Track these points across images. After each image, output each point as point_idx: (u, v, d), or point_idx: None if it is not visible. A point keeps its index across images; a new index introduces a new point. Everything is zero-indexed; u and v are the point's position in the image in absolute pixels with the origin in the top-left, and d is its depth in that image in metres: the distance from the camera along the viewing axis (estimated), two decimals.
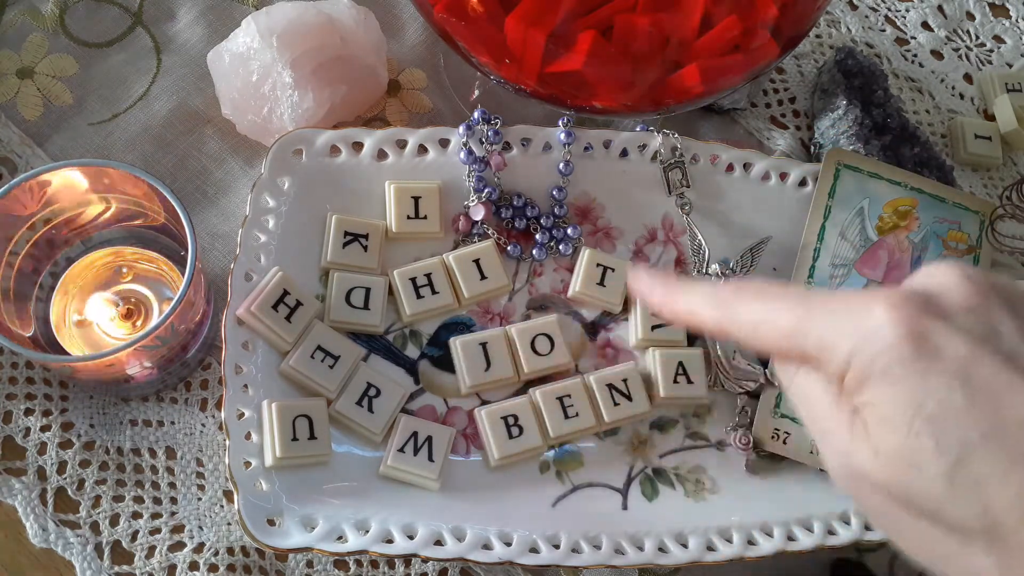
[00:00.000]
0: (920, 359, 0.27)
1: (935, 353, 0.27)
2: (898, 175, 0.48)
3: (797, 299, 0.31)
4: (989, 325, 0.28)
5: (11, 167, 0.47)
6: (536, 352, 0.43)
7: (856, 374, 0.29)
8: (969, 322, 0.28)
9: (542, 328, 0.43)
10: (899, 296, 0.29)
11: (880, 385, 0.28)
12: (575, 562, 0.39)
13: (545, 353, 0.43)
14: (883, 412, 0.28)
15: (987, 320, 0.28)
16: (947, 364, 0.27)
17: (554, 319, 0.44)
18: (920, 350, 0.27)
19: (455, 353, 0.42)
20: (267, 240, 0.42)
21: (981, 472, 0.26)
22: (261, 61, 0.45)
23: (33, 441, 0.42)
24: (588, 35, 0.37)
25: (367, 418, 0.40)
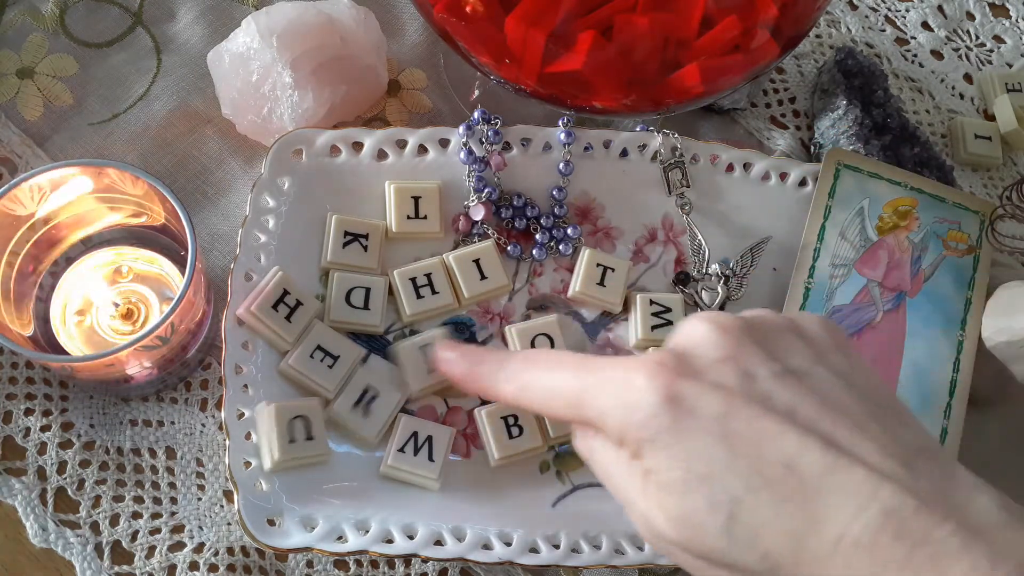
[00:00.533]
0: (678, 422, 0.28)
1: (691, 413, 0.28)
2: (898, 175, 0.48)
3: (575, 369, 0.32)
4: (743, 372, 0.29)
5: (11, 167, 0.47)
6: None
7: (631, 444, 0.29)
8: (723, 374, 0.29)
9: (542, 328, 0.43)
10: (655, 361, 0.29)
11: (653, 452, 0.29)
12: (575, 562, 0.39)
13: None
14: (661, 478, 0.29)
15: (741, 367, 0.29)
16: (704, 423, 0.28)
17: (554, 319, 0.44)
18: (677, 413, 0.28)
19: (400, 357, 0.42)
20: (267, 240, 0.42)
21: (753, 521, 0.27)
22: (261, 61, 0.45)
23: (33, 441, 0.42)
24: (588, 35, 0.37)
25: (363, 422, 0.40)
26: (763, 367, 0.29)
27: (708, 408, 0.28)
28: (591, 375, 0.31)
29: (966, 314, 0.46)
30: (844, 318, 0.45)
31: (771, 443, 0.27)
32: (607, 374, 0.30)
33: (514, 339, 0.43)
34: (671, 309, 0.44)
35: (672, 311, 0.44)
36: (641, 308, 0.44)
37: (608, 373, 0.30)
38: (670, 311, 0.44)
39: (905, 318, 0.46)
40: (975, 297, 0.47)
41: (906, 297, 0.46)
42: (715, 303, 0.45)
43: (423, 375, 0.41)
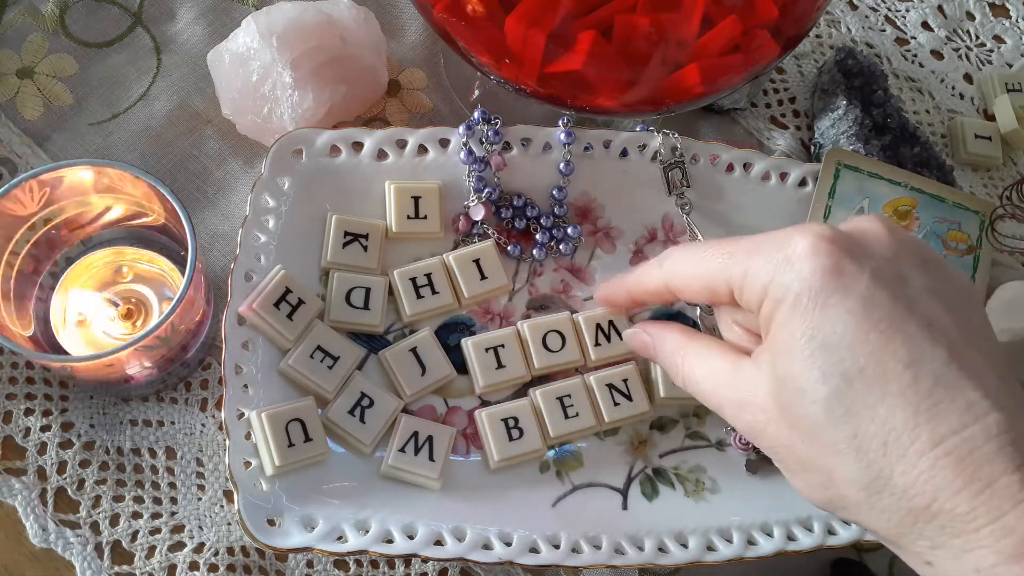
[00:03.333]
0: (828, 291, 0.29)
1: (843, 288, 0.29)
2: (898, 175, 0.48)
3: (730, 241, 0.34)
4: (899, 274, 0.30)
5: (11, 167, 0.47)
6: (547, 348, 0.43)
7: (770, 302, 0.31)
8: (881, 266, 0.30)
9: (554, 324, 0.43)
10: (823, 232, 0.31)
11: (790, 312, 0.30)
12: (575, 562, 0.39)
13: (556, 349, 0.43)
14: (784, 337, 0.30)
15: (899, 270, 0.30)
16: (849, 300, 0.29)
17: (567, 316, 0.44)
18: (831, 283, 0.29)
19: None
20: (267, 240, 0.42)
21: (855, 401, 0.28)
22: (261, 61, 0.45)
23: (33, 441, 0.42)
24: (588, 35, 0.37)
25: (358, 428, 0.40)
26: (919, 277, 0.30)
27: (857, 288, 0.29)
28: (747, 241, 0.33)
29: None
30: None
31: (902, 340, 0.28)
32: (764, 238, 0.32)
33: (526, 334, 0.43)
34: None
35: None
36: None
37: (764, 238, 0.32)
38: None
39: None
40: None
41: None
42: None
43: (416, 379, 0.41)
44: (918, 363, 0.28)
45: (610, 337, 0.44)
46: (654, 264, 0.37)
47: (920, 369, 0.28)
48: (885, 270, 0.30)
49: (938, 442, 0.27)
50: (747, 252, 0.32)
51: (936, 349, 0.28)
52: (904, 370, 0.28)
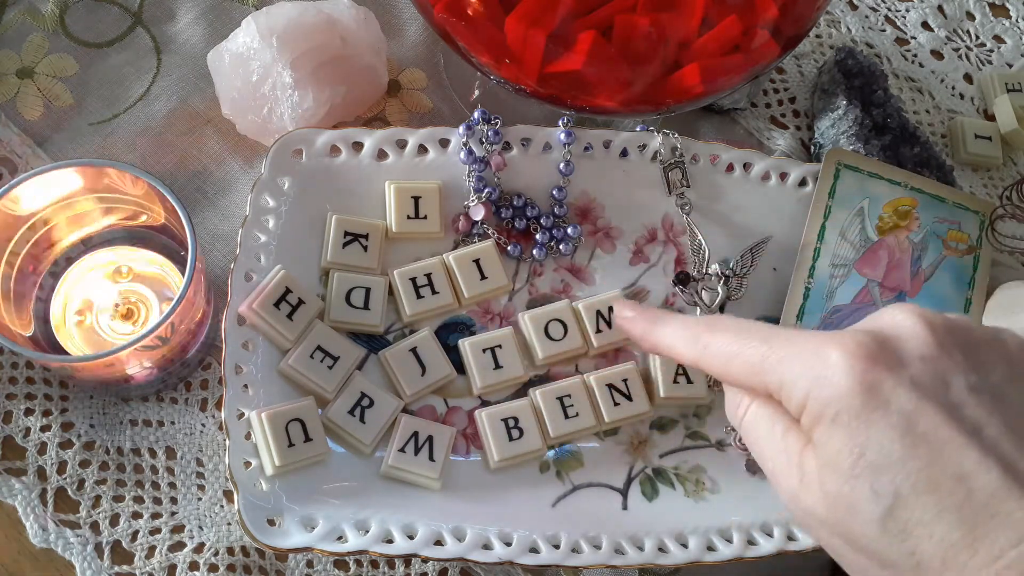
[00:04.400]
0: (868, 409, 0.29)
1: (883, 404, 0.29)
2: (898, 175, 0.48)
3: (763, 336, 0.32)
4: (941, 376, 0.29)
5: (11, 167, 0.47)
6: (550, 337, 0.43)
7: (810, 416, 0.30)
8: (921, 372, 0.29)
9: (555, 314, 0.43)
10: (856, 342, 0.30)
11: (830, 429, 0.29)
12: (575, 562, 0.39)
13: (559, 338, 0.43)
14: (829, 455, 0.29)
15: (939, 370, 0.29)
16: (892, 416, 0.28)
17: (566, 304, 0.44)
18: (869, 401, 0.29)
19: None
20: (267, 240, 0.42)
21: (911, 519, 0.28)
22: (261, 61, 0.45)
23: (33, 441, 0.42)
24: (588, 35, 0.37)
25: (358, 428, 0.40)
26: (961, 376, 0.29)
27: (899, 403, 0.28)
28: (780, 343, 0.32)
29: (966, 314, 0.46)
30: (844, 318, 0.45)
31: (951, 453, 0.28)
32: (799, 345, 0.31)
33: (527, 324, 0.43)
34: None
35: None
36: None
37: (800, 344, 0.31)
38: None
39: None
40: (975, 297, 0.47)
41: (906, 297, 0.46)
42: (715, 303, 0.45)
43: (416, 379, 0.41)
44: (971, 476, 0.27)
45: (611, 323, 0.44)
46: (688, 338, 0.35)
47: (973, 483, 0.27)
48: (924, 376, 0.29)
49: (997, 556, 0.26)
50: (781, 358, 0.31)
51: (987, 460, 0.27)
52: (957, 485, 0.27)
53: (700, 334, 0.35)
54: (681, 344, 0.36)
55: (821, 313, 0.45)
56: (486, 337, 0.43)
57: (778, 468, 0.31)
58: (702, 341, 0.35)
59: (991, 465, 0.27)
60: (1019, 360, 0.31)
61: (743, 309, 0.46)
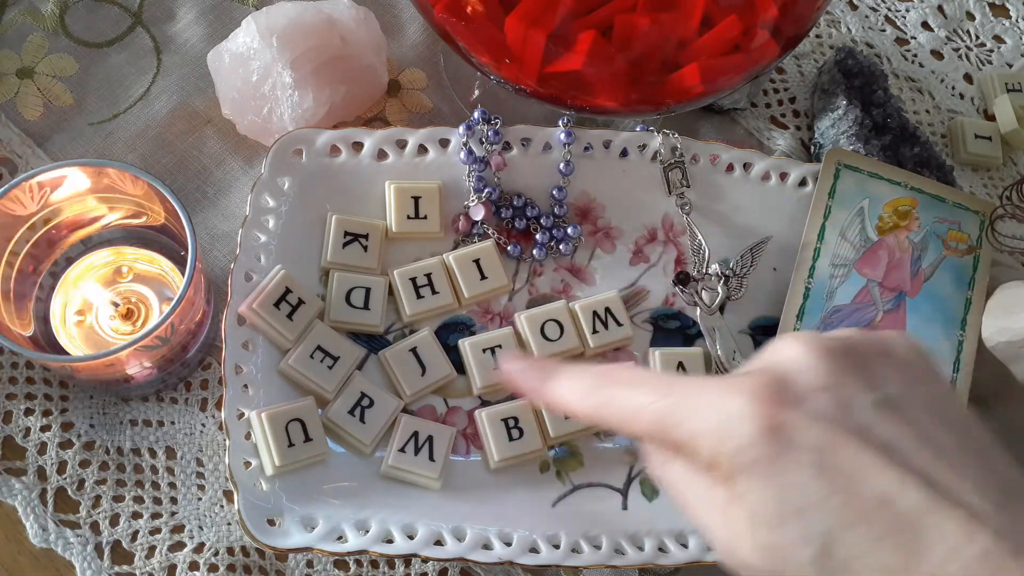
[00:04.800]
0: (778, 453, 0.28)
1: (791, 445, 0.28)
2: (898, 175, 0.48)
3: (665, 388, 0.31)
4: (841, 402, 0.29)
5: (11, 167, 0.47)
6: (546, 338, 0.43)
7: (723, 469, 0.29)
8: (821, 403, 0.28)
9: (552, 314, 0.43)
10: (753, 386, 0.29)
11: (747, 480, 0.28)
12: (575, 562, 0.39)
13: (555, 338, 0.43)
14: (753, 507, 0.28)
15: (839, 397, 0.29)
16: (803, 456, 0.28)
17: (563, 304, 0.44)
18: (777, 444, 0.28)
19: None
20: (267, 240, 0.42)
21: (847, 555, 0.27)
22: (261, 61, 0.45)
23: (33, 441, 0.42)
24: (588, 35, 0.37)
25: (358, 428, 0.40)
26: (861, 396, 0.29)
27: (807, 440, 0.28)
28: (680, 395, 0.30)
29: (966, 314, 0.46)
30: (844, 318, 0.45)
31: (869, 479, 0.27)
32: (697, 395, 0.30)
33: (523, 325, 0.43)
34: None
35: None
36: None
37: (698, 394, 0.30)
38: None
39: (905, 318, 0.46)
40: (975, 297, 0.47)
41: (906, 297, 0.46)
42: (715, 303, 0.45)
43: (416, 379, 0.41)
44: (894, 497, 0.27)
45: (607, 324, 0.44)
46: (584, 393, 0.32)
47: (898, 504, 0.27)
48: (823, 405, 0.28)
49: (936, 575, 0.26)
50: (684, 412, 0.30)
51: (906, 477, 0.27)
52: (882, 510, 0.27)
53: (598, 387, 0.32)
54: (577, 400, 0.33)
55: (821, 313, 0.45)
56: (486, 337, 0.43)
57: (709, 523, 0.30)
58: (599, 396, 0.32)
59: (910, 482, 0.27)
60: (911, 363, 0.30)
61: (743, 309, 0.46)
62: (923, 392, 0.30)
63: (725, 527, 0.30)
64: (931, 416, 0.29)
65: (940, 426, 0.29)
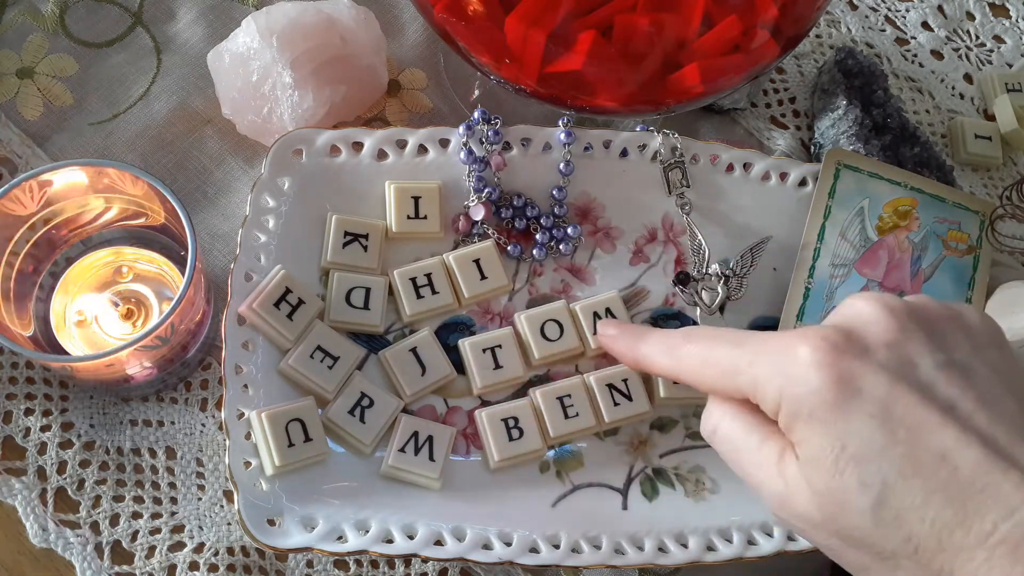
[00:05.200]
0: (842, 401, 0.29)
1: (856, 394, 0.29)
2: (898, 175, 0.48)
3: (734, 341, 0.33)
4: (907, 358, 0.29)
5: (11, 167, 0.47)
6: (546, 338, 0.43)
7: (786, 415, 0.30)
8: (888, 357, 0.29)
9: (552, 314, 0.43)
10: (821, 337, 0.30)
11: (808, 426, 0.29)
12: (575, 562, 0.39)
13: (555, 338, 0.43)
14: (811, 452, 0.29)
15: (906, 353, 0.29)
16: (867, 405, 0.28)
17: (562, 304, 0.44)
18: (842, 392, 0.29)
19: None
20: (267, 240, 0.42)
21: (902, 505, 0.28)
22: (261, 61, 0.45)
23: (33, 441, 0.42)
24: (588, 35, 0.37)
25: (358, 428, 0.40)
26: (928, 356, 0.29)
27: (872, 390, 0.29)
28: (750, 346, 0.32)
29: None
30: None
31: (930, 433, 0.28)
32: (768, 345, 0.31)
33: (523, 325, 0.43)
34: None
35: None
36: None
37: (769, 344, 0.31)
38: None
39: None
40: (975, 297, 0.47)
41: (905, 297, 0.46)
42: (715, 303, 0.45)
43: (416, 379, 0.41)
44: (952, 454, 0.27)
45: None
46: (664, 350, 0.36)
47: (956, 460, 0.27)
48: (892, 360, 0.29)
49: (990, 532, 0.26)
50: (751, 360, 0.31)
51: (966, 435, 0.27)
52: (940, 464, 0.27)
53: (676, 345, 0.35)
54: (659, 357, 0.36)
55: (821, 313, 0.45)
56: (486, 337, 0.43)
57: (761, 478, 0.31)
58: (677, 351, 0.35)
59: (970, 440, 0.27)
60: (980, 332, 0.31)
61: (743, 309, 0.46)
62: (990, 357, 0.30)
63: (779, 479, 0.30)
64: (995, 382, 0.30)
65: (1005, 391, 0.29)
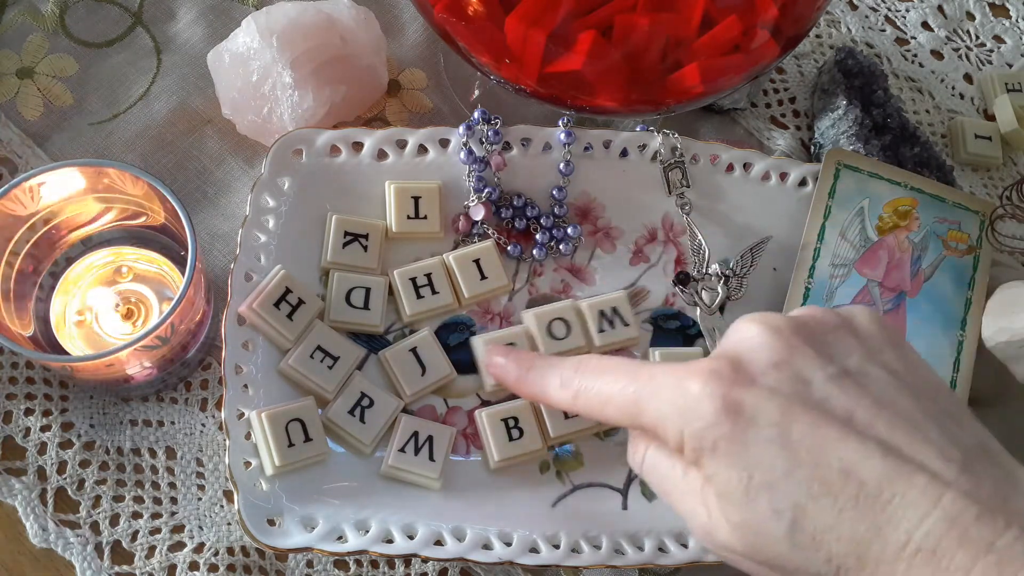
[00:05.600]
0: (740, 431, 0.28)
1: (751, 422, 0.28)
2: (898, 175, 0.48)
3: (627, 375, 0.32)
4: (798, 376, 0.29)
5: (11, 167, 0.47)
6: (553, 336, 0.43)
7: (690, 450, 0.29)
8: (778, 379, 0.29)
9: (559, 313, 0.43)
10: (709, 370, 0.29)
11: (713, 460, 0.29)
12: (575, 562, 0.39)
13: (562, 337, 0.43)
14: (722, 486, 0.29)
15: (795, 371, 0.29)
16: (764, 430, 0.28)
17: (569, 303, 0.44)
18: (737, 422, 0.28)
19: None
20: (267, 240, 0.42)
21: (816, 527, 0.27)
22: (261, 61, 0.45)
23: (33, 441, 0.42)
24: (588, 35, 0.37)
25: (358, 428, 0.40)
26: (818, 371, 0.29)
27: (766, 415, 0.28)
28: (644, 381, 0.31)
29: (966, 314, 0.46)
30: None
31: (831, 450, 0.27)
32: (660, 380, 0.30)
33: (532, 323, 0.43)
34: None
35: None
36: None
37: (661, 379, 0.30)
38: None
39: (905, 318, 0.46)
40: (975, 297, 0.47)
41: (906, 297, 0.46)
42: (715, 303, 0.45)
43: (416, 379, 0.41)
44: (856, 467, 0.27)
45: (614, 323, 0.43)
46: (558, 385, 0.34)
47: (860, 473, 0.27)
48: (782, 381, 0.29)
49: (905, 542, 0.26)
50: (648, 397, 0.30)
51: (866, 446, 0.27)
52: (846, 480, 0.27)
53: (569, 379, 0.34)
54: (554, 392, 0.35)
55: None
56: (499, 335, 0.43)
57: (686, 509, 0.31)
58: (572, 387, 0.34)
59: (871, 450, 0.27)
60: (871, 336, 0.30)
61: (743, 309, 0.46)
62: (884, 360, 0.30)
63: (703, 511, 0.30)
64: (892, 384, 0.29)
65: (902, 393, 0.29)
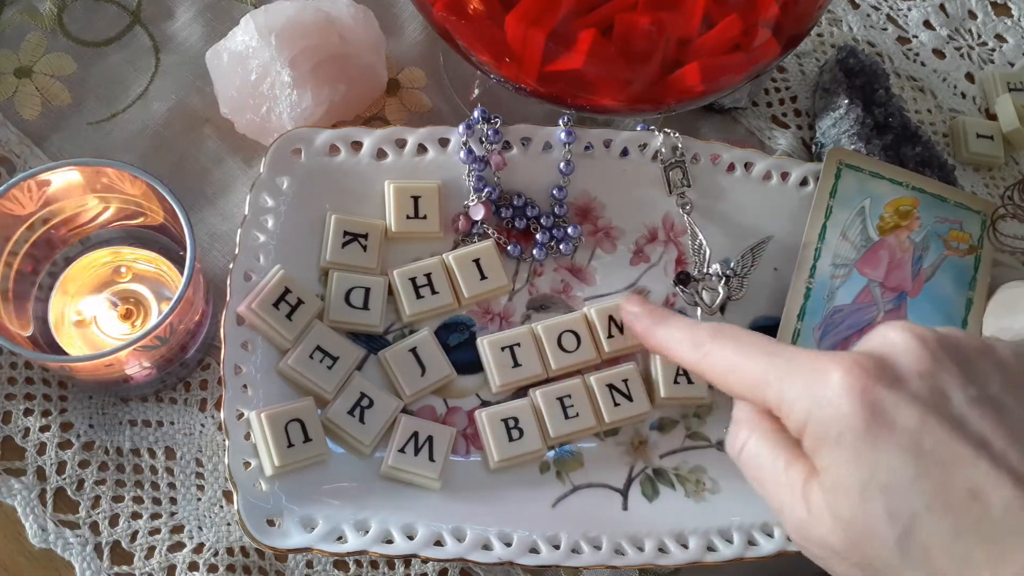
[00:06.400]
0: (873, 430, 0.28)
1: (887, 423, 0.28)
2: (899, 175, 0.48)
3: (765, 351, 0.32)
4: (940, 390, 0.29)
5: (9, 167, 0.47)
6: (563, 349, 0.43)
7: (812, 437, 0.29)
8: (920, 388, 0.29)
9: (569, 325, 0.43)
10: (854, 362, 0.29)
11: (835, 452, 0.29)
12: (575, 562, 0.39)
13: (572, 350, 0.43)
14: (837, 478, 0.29)
15: (938, 385, 0.29)
16: (898, 435, 0.28)
17: (580, 315, 0.44)
18: (873, 421, 0.28)
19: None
20: (266, 240, 0.42)
21: (929, 540, 0.27)
22: (260, 60, 0.45)
23: (32, 441, 0.42)
24: (588, 34, 0.37)
25: (358, 428, 0.40)
26: (960, 390, 0.29)
27: (904, 421, 0.28)
28: (781, 360, 0.31)
29: (967, 314, 0.46)
30: (845, 318, 0.45)
31: (962, 469, 0.27)
32: (799, 362, 0.30)
33: (540, 335, 0.43)
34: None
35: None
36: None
37: (800, 362, 0.30)
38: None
39: (906, 318, 0.46)
40: (976, 297, 0.47)
41: (907, 297, 0.46)
42: (716, 303, 0.45)
43: (416, 379, 0.41)
44: (984, 492, 0.27)
45: (622, 328, 0.43)
46: (689, 343, 0.35)
47: (987, 499, 0.27)
48: (924, 391, 0.29)
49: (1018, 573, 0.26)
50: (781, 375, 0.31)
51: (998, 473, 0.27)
52: (972, 502, 0.27)
53: (703, 340, 0.35)
54: (682, 348, 0.36)
55: (822, 313, 0.45)
56: (505, 335, 0.43)
57: (783, 502, 0.31)
58: (704, 348, 0.34)
59: (1003, 479, 0.27)
60: (1012, 368, 0.30)
61: (744, 309, 0.46)
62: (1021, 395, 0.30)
63: (802, 505, 0.30)
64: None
65: None
